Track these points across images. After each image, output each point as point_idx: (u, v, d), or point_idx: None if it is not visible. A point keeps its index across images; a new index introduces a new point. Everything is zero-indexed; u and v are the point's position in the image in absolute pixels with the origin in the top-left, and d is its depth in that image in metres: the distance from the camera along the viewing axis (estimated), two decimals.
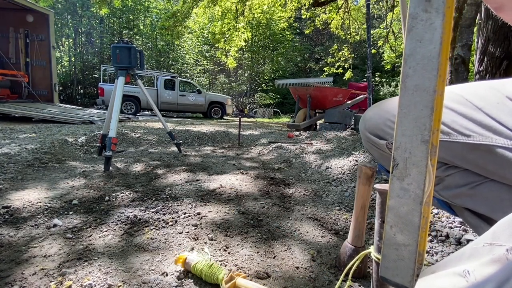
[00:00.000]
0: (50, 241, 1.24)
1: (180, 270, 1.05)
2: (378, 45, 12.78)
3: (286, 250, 1.24)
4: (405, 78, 0.25)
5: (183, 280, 1.01)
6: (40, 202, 1.63)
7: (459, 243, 1.27)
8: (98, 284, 0.96)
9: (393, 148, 0.26)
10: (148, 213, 1.54)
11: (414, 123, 0.25)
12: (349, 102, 7.58)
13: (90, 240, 1.26)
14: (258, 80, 19.82)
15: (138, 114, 10.45)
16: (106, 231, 1.35)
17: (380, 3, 12.85)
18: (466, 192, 0.55)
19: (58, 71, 16.78)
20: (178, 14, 8.53)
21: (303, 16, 10.01)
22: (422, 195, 0.25)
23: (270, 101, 18.41)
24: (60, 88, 15.34)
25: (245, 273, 1.06)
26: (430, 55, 0.24)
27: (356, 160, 2.37)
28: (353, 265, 0.75)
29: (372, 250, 0.75)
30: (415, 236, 0.26)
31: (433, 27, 0.24)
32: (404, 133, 0.25)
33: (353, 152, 2.58)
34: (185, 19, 8.77)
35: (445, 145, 0.53)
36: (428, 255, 1.22)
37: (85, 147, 3.45)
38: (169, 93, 10.98)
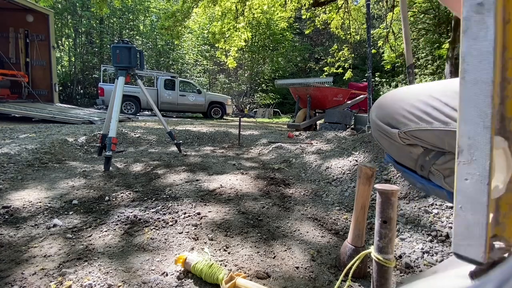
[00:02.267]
0: (50, 241, 1.24)
1: (180, 270, 1.05)
2: (378, 45, 12.78)
3: (286, 250, 1.24)
4: (464, 73, 0.28)
5: (183, 280, 1.01)
6: (40, 202, 1.63)
7: None
8: (98, 284, 0.96)
9: (457, 137, 0.29)
10: (148, 213, 1.54)
11: (476, 112, 0.28)
12: (349, 102, 7.58)
13: (90, 240, 1.26)
14: (258, 80, 19.80)
15: (138, 114, 10.44)
16: (106, 231, 1.35)
17: (380, 3, 12.86)
18: None
19: (58, 71, 16.78)
20: (178, 14, 8.53)
21: (303, 16, 10.01)
22: (488, 177, 0.28)
23: (270, 101, 18.39)
24: (60, 88, 15.34)
25: (245, 273, 1.06)
26: (486, 51, 0.27)
27: (356, 160, 2.37)
28: (353, 265, 0.75)
29: (372, 250, 0.75)
30: (484, 215, 0.29)
31: (485, 26, 0.27)
32: (467, 122, 0.28)
33: (353, 152, 2.58)
34: (185, 19, 8.77)
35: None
36: (428, 255, 1.22)
37: (85, 147, 3.45)
38: (169, 93, 10.97)
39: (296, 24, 20.33)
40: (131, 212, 1.54)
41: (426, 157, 0.61)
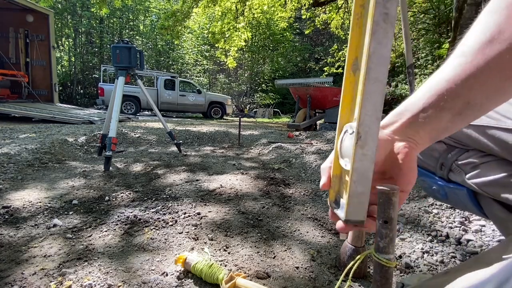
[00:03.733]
0: (50, 241, 1.24)
1: (180, 270, 1.05)
2: None
3: (286, 250, 1.24)
4: (369, 70, 0.32)
5: (183, 280, 1.01)
6: (40, 202, 1.63)
7: (459, 243, 1.27)
8: (98, 284, 0.96)
9: (357, 125, 0.34)
10: (148, 213, 1.54)
11: (373, 106, 0.33)
12: None
13: (90, 240, 1.26)
14: (258, 80, 19.81)
15: (138, 114, 10.44)
16: (106, 231, 1.35)
17: None
18: (502, 181, 0.52)
19: (58, 71, 16.78)
20: (178, 14, 8.53)
21: (303, 16, 10.02)
22: (374, 157, 0.35)
23: (270, 101, 18.39)
24: (60, 88, 15.33)
25: (245, 273, 1.06)
26: (385, 56, 0.32)
27: None
28: (353, 265, 0.75)
29: (373, 250, 0.75)
30: (368, 185, 0.37)
31: (387, 35, 0.32)
32: (367, 113, 0.33)
33: None
34: (185, 19, 8.77)
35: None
36: (428, 255, 1.22)
37: (85, 147, 3.45)
38: (169, 93, 10.97)
39: (296, 24, 20.33)
40: (131, 212, 1.54)
41: (448, 154, 0.61)
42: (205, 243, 1.27)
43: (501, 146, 0.52)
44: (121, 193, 1.86)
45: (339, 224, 0.40)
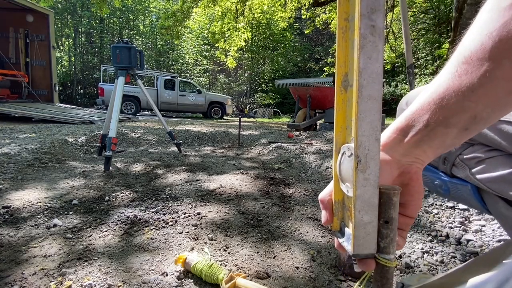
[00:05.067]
0: (50, 241, 1.24)
1: (180, 270, 1.05)
2: None
3: (286, 250, 1.24)
4: (361, 88, 0.30)
5: (183, 280, 1.01)
6: (40, 202, 1.63)
7: (459, 243, 1.27)
8: (98, 284, 0.96)
9: (355, 147, 0.31)
10: (148, 213, 1.54)
11: (370, 126, 0.31)
12: None
13: (90, 240, 1.26)
14: (258, 80, 19.81)
15: (138, 114, 10.44)
16: (106, 231, 1.35)
17: None
18: (508, 178, 0.51)
19: (58, 71, 16.78)
20: (178, 13, 8.53)
21: (303, 16, 10.02)
22: (378, 181, 0.32)
23: (270, 101, 18.39)
24: (60, 88, 15.33)
25: (245, 273, 1.06)
26: (377, 71, 0.30)
27: None
28: (366, 272, 0.75)
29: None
30: (375, 213, 0.33)
31: (377, 49, 0.29)
32: (363, 134, 0.31)
33: None
34: (185, 19, 8.77)
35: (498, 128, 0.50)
36: (428, 255, 1.22)
37: (85, 147, 3.45)
38: (169, 93, 10.97)
39: (296, 24, 20.33)
40: (131, 212, 1.54)
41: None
42: (205, 243, 1.27)
43: (509, 141, 0.50)
44: (121, 193, 1.86)
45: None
